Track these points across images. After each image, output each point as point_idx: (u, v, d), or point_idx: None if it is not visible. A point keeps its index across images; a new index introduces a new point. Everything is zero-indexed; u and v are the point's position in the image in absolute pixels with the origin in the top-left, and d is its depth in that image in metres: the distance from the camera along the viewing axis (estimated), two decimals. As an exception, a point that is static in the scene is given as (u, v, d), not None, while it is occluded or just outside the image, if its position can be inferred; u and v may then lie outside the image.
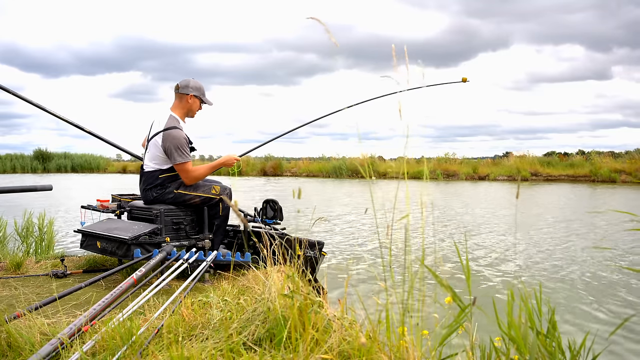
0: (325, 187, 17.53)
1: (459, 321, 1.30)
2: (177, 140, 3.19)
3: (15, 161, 29.35)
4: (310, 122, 4.55)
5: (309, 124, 4.51)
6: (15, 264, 3.33)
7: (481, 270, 5.13)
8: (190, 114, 3.43)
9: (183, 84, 3.35)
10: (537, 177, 21.18)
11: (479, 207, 10.96)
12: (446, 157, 23.90)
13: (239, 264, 3.11)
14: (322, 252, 3.48)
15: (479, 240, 6.80)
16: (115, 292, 2.16)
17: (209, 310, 2.08)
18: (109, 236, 3.09)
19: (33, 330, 1.91)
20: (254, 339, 1.63)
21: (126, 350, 1.63)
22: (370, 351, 1.36)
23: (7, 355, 1.75)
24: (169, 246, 2.93)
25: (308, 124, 4.52)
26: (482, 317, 1.41)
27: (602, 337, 3.28)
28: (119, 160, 32.51)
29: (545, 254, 5.95)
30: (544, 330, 1.33)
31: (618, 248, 6.25)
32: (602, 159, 21.67)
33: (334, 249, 6.13)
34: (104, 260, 3.56)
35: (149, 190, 3.29)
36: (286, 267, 1.85)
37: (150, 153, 3.30)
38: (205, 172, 3.33)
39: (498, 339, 1.40)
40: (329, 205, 10.80)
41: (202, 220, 3.37)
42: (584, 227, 8.02)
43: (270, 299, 1.66)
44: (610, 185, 17.94)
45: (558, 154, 25.54)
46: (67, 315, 2.28)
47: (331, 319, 1.57)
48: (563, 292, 4.41)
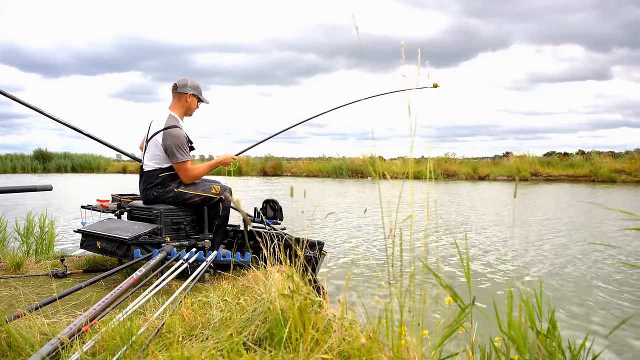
0: (326, 187, 17.54)
1: (459, 321, 1.30)
2: (177, 139, 3.21)
3: (15, 161, 29.35)
4: (305, 121, 4.55)
5: (305, 122, 4.51)
6: (15, 264, 3.33)
7: (481, 270, 5.13)
8: (188, 113, 3.46)
9: (181, 83, 3.37)
10: (537, 177, 21.19)
11: (478, 206, 10.96)
12: (446, 157, 23.91)
13: (239, 264, 3.11)
14: (323, 251, 3.48)
15: (479, 240, 6.80)
16: (115, 292, 2.16)
17: (209, 310, 2.08)
18: (109, 236, 3.09)
19: (33, 330, 1.91)
20: (254, 339, 1.63)
21: (126, 350, 1.63)
22: (370, 351, 1.36)
23: (7, 355, 1.75)
24: (169, 246, 2.93)
25: (304, 122, 4.52)
26: (482, 317, 1.41)
27: (602, 337, 3.28)
28: (119, 160, 32.49)
29: (546, 253, 5.95)
30: (544, 330, 1.33)
31: (620, 247, 6.26)
32: (602, 159, 21.68)
33: (334, 248, 6.13)
34: (104, 260, 3.56)
35: (149, 190, 3.30)
36: (286, 267, 1.85)
37: (150, 152, 3.31)
38: (203, 171, 3.36)
39: (498, 339, 1.40)
40: (329, 205, 10.80)
41: (202, 220, 3.37)
42: (584, 227, 8.02)
43: (271, 298, 1.66)
44: (610, 185, 17.94)
45: (558, 154, 25.54)
46: (67, 315, 2.28)
47: (331, 319, 1.57)
48: (563, 291, 4.41)
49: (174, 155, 3.21)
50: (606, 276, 4.90)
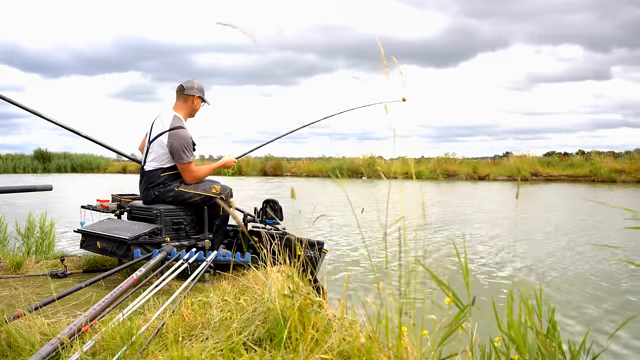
0: (326, 187, 17.53)
1: (458, 321, 1.30)
2: (183, 140, 3.24)
3: (15, 161, 29.36)
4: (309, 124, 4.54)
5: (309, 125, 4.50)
6: (15, 264, 3.33)
7: (481, 271, 5.13)
8: (192, 114, 3.51)
9: (188, 85, 3.40)
10: (537, 177, 21.19)
11: (478, 206, 10.96)
12: (446, 157, 23.90)
13: (239, 264, 3.12)
14: (323, 249, 3.49)
15: (479, 240, 6.80)
16: (115, 292, 2.16)
17: (209, 310, 2.08)
18: (109, 236, 3.09)
19: (33, 330, 1.91)
20: (254, 339, 1.63)
21: (126, 350, 1.63)
22: (370, 351, 1.36)
23: (7, 355, 1.75)
24: (169, 246, 2.93)
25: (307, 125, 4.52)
26: (482, 317, 1.41)
27: (603, 336, 3.28)
28: (119, 160, 32.47)
29: (546, 253, 5.95)
30: (544, 330, 1.33)
31: (622, 246, 6.25)
32: (602, 159, 21.66)
33: (335, 249, 6.14)
34: (104, 260, 3.56)
35: (150, 189, 3.30)
36: (286, 267, 1.85)
37: (153, 153, 3.32)
38: (206, 172, 3.40)
39: (498, 339, 1.40)
40: (329, 205, 10.80)
41: (202, 220, 3.37)
42: (584, 226, 8.02)
43: (270, 299, 1.66)
44: (610, 185, 17.94)
45: (558, 154, 25.52)
46: (67, 315, 2.28)
47: (331, 319, 1.57)
48: (563, 291, 4.41)
49: (180, 156, 3.23)
50: (606, 276, 4.90)
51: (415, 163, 17.14)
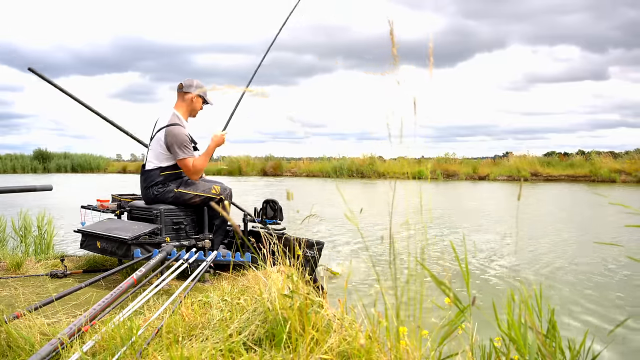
0: (325, 187, 17.53)
1: (458, 321, 1.30)
2: (178, 136, 3.24)
3: (15, 161, 29.35)
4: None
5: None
6: (15, 264, 3.33)
7: (481, 270, 5.13)
8: (193, 114, 3.48)
9: (187, 83, 3.39)
10: (537, 177, 21.17)
11: (478, 206, 10.96)
12: (446, 157, 23.88)
13: (238, 264, 3.12)
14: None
15: (479, 240, 6.80)
16: (115, 292, 2.16)
17: (209, 310, 2.08)
18: (109, 236, 3.09)
19: (33, 330, 1.91)
20: (254, 339, 1.63)
21: (126, 351, 1.63)
22: (370, 352, 1.36)
23: (7, 355, 1.74)
24: (169, 246, 2.93)
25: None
26: (482, 317, 1.41)
27: (603, 335, 3.28)
28: (119, 160, 32.52)
29: (546, 253, 5.95)
30: (544, 330, 1.33)
31: (624, 245, 6.25)
32: (602, 159, 21.65)
33: (335, 249, 6.13)
34: (104, 260, 3.56)
35: (150, 188, 3.30)
36: (286, 267, 1.85)
37: (152, 151, 3.33)
38: (204, 160, 3.35)
39: (498, 339, 1.40)
40: (329, 205, 10.80)
41: (202, 220, 3.37)
42: (584, 226, 8.02)
43: (270, 299, 1.66)
44: (610, 185, 17.94)
45: (558, 154, 25.51)
46: (67, 315, 2.27)
47: (331, 319, 1.57)
48: (563, 291, 4.41)
49: (176, 152, 3.23)
50: (607, 276, 4.90)
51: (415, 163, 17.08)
